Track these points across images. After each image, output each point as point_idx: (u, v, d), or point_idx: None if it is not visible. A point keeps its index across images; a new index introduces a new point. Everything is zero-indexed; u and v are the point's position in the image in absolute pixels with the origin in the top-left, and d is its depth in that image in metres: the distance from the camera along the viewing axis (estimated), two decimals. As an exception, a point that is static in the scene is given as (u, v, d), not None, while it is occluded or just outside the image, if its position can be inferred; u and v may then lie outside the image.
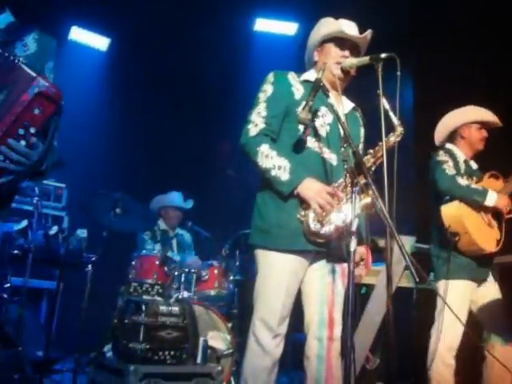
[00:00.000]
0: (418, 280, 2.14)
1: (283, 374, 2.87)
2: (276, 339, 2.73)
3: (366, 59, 2.69)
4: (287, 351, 3.00)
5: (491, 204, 3.81)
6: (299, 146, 2.79)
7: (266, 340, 2.70)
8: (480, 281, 3.90)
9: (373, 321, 4.20)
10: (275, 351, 2.73)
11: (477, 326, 3.97)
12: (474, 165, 4.11)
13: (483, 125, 4.03)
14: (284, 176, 2.69)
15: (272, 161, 2.70)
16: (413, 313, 4.69)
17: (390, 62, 2.55)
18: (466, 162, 4.04)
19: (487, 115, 4.02)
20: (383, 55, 2.57)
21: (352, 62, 2.83)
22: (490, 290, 3.93)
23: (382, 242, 4.41)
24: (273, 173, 2.69)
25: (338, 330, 2.79)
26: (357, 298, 3.67)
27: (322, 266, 2.83)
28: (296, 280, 2.78)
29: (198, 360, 4.19)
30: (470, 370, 4.05)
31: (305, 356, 2.81)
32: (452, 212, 3.86)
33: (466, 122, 4.03)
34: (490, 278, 3.94)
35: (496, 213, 3.92)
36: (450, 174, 3.84)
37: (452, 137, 4.09)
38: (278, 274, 2.74)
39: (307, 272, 2.82)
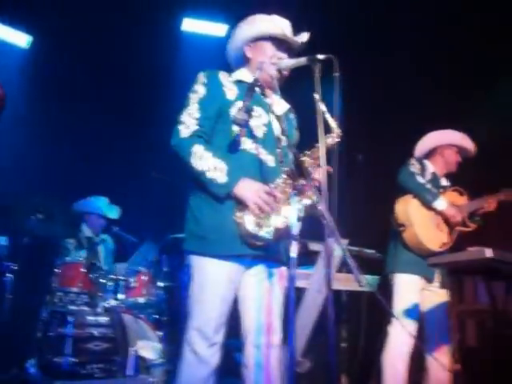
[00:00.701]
0: (361, 284, 2.10)
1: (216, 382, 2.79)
2: (212, 348, 2.64)
3: (303, 60, 2.63)
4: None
5: (439, 208, 4.02)
6: (234, 147, 2.71)
7: (202, 349, 2.61)
8: (430, 278, 4.02)
9: (305, 324, 4.18)
10: (212, 360, 2.64)
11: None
12: (444, 182, 4.31)
13: (461, 151, 4.27)
14: (221, 178, 2.60)
15: (207, 162, 2.61)
16: (343, 315, 4.73)
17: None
18: (434, 174, 4.23)
19: (469, 144, 4.27)
20: (321, 56, 2.53)
21: (289, 62, 2.77)
22: (438, 292, 4.05)
23: (313, 246, 4.43)
24: (208, 175, 2.60)
25: (276, 337, 2.73)
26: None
27: (259, 271, 2.76)
28: (232, 286, 2.70)
29: (129, 372, 4.03)
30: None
31: (243, 364, 2.73)
32: (403, 205, 4.10)
33: (450, 143, 4.26)
34: (438, 284, 4.06)
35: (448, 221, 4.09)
36: (412, 170, 4.08)
37: (430, 153, 4.32)
38: (213, 281, 2.65)
39: (243, 277, 2.74)
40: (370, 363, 4.53)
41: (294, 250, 2.27)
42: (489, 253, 3.05)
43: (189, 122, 2.67)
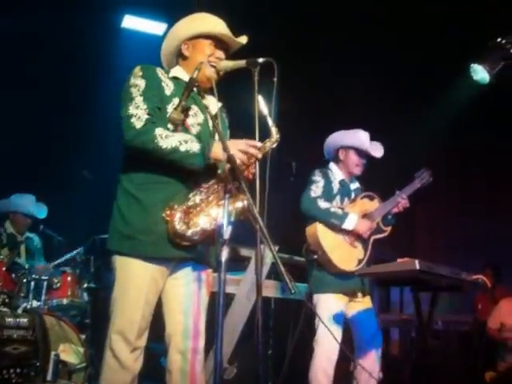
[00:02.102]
0: (292, 292, 2.08)
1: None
2: (135, 353, 2.56)
3: (242, 63, 2.61)
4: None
5: (350, 228, 3.96)
6: None
7: (124, 354, 2.53)
8: (352, 293, 4.00)
9: (232, 330, 4.15)
10: (134, 366, 2.57)
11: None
12: (354, 185, 4.23)
13: (361, 152, 4.13)
14: (195, 146, 2.53)
15: (175, 138, 2.52)
16: (270, 322, 4.73)
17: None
18: (342, 182, 4.15)
19: (367, 146, 4.11)
20: (260, 60, 2.52)
21: (228, 64, 2.73)
22: (362, 305, 4.04)
23: (243, 251, 4.40)
24: (182, 148, 2.51)
25: (202, 342, 2.68)
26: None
27: (186, 274, 2.69)
28: (156, 289, 2.63)
29: (48, 377, 3.86)
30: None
31: (166, 370, 2.66)
32: (311, 232, 4.00)
33: (343, 145, 4.15)
34: (361, 293, 4.04)
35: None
36: (313, 196, 3.96)
37: (335, 156, 4.21)
38: (137, 283, 2.57)
39: (169, 280, 2.68)
40: (296, 371, 4.54)
41: (223, 254, 2.22)
42: (416, 264, 3.09)
43: (139, 113, 2.55)
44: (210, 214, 2.56)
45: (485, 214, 7.59)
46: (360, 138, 4.13)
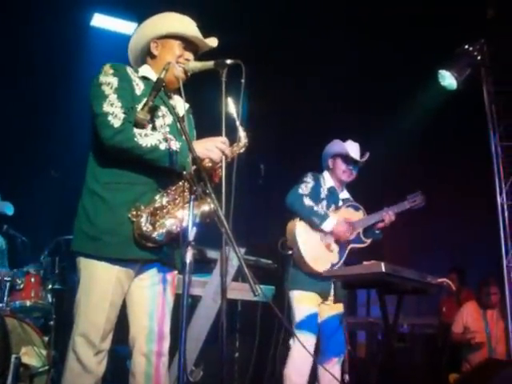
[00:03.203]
0: (256, 294, 2.08)
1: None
2: (98, 356, 2.52)
3: (210, 64, 2.61)
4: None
5: (328, 229, 4.01)
6: None
7: (88, 357, 2.49)
8: (325, 294, 4.03)
9: (198, 333, 4.11)
10: (98, 369, 2.53)
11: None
12: (344, 195, 4.30)
13: (347, 158, 4.20)
14: (176, 144, 2.53)
15: (155, 136, 2.52)
16: (237, 325, 4.71)
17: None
18: (331, 189, 4.22)
19: (350, 150, 4.19)
20: (229, 61, 2.53)
21: (196, 65, 2.72)
22: (334, 306, 4.07)
23: (210, 253, 4.38)
24: (162, 146, 2.51)
25: (166, 345, 2.66)
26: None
27: (151, 275, 2.67)
28: (121, 291, 2.60)
29: (9, 381, 3.77)
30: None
31: (130, 373, 2.63)
32: (290, 228, 4.07)
33: (331, 154, 4.27)
34: (333, 298, 4.07)
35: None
36: (300, 192, 4.04)
37: (326, 164, 4.31)
38: (102, 285, 2.54)
39: (134, 281, 2.65)
40: (262, 374, 4.54)
41: (189, 256, 2.21)
42: (382, 267, 3.11)
43: (115, 111, 2.52)
44: (177, 216, 2.54)
45: (450, 218, 7.68)
46: (344, 145, 4.24)
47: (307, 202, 4.00)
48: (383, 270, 3.11)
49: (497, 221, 5.50)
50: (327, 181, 4.24)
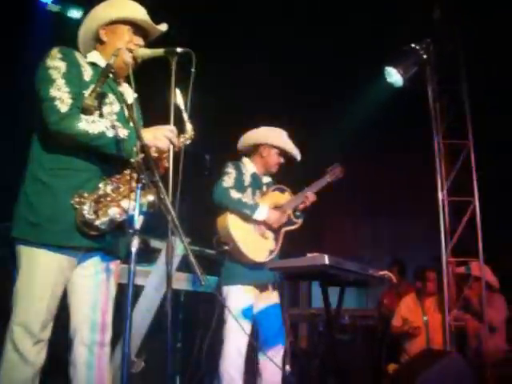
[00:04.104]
0: (203, 283, 2.06)
1: None
2: (37, 346, 2.47)
3: (160, 51, 2.59)
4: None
5: (260, 218, 4.01)
6: None
7: (27, 347, 2.43)
8: (263, 286, 4.04)
9: (141, 323, 4.07)
10: (37, 359, 2.47)
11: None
12: (266, 179, 4.29)
13: (283, 153, 4.23)
14: (123, 131, 2.49)
15: (102, 123, 2.49)
16: (180, 315, 4.68)
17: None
18: (253, 175, 4.19)
19: (290, 147, 4.23)
20: (179, 49, 2.51)
21: (146, 52, 2.69)
22: (270, 298, 4.09)
23: (154, 243, 4.33)
24: (110, 133, 2.47)
25: (109, 335, 2.62)
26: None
27: (94, 264, 2.63)
28: (63, 280, 2.55)
29: None
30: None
31: (70, 363, 2.58)
32: (222, 223, 4.02)
33: (268, 143, 4.20)
34: (271, 287, 4.10)
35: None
36: (225, 186, 3.99)
37: (254, 150, 4.25)
38: (43, 273, 2.48)
39: (76, 270, 2.60)
40: (205, 364, 4.53)
41: (134, 245, 2.18)
42: (326, 259, 3.14)
43: (62, 96, 2.47)
44: (121, 204, 2.51)
45: (392, 213, 7.84)
46: (286, 139, 4.25)
47: (234, 194, 3.96)
48: (327, 262, 3.13)
49: (437, 216, 5.65)
50: (248, 167, 4.20)
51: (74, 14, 6.27)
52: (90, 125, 2.45)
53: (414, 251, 7.24)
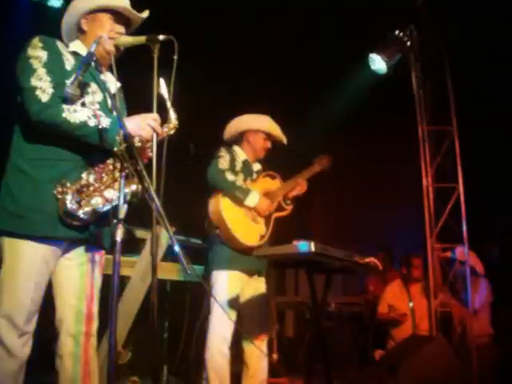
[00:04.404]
0: (189, 272, 2.06)
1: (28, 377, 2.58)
2: (23, 338, 2.45)
3: (142, 39, 2.55)
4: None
5: (251, 204, 4.00)
6: None
7: (12, 340, 2.41)
8: (251, 272, 4.02)
9: (127, 314, 4.06)
10: (22, 352, 2.45)
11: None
12: (256, 166, 4.29)
13: (269, 137, 4.23)
14: (105, 121, 2.47)
15: (84, 112, 2.46)
16: (166, 305, 4.68)
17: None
18: (245, 162, 4.19)
19: (275, 130, 4.23)
20: (161, 37, 2.49)
21: (128, 39, 2.66)
22: (257, 285, 4.07)
23: (139, 233, 4.32)
24: (91, 122, 2.45)
25: (95, 326, 2.61)
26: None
27: (78, 255, 2.61)
28: (47, 271, 2.53)
29: None
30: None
31: (57, 355, 2.56)
32: (214, 206, 3.99)
33: (253, 128, 4.21)
34: (259, 273, 4.08)
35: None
36: (220, 168, 3.98)
37: (241, 138, 4.25)
38: (27, 265, 2.45)
39: (61, 261, 2.58)
40: (191, 354, 4.53)
41: (118, 235, 2.17)
42: (312, 246, 3.13)
43: (43, 85, 2.44)
44: (104, 194, 2.49)
45: (378, 200, 7.86)
46: (271, 123, 4.25)
47: (229, 176, 3.97)
48: (313, 249, 3.13)
49: (422, 203, 5.68)
50: (239, 154, 4.20)
51: (55, 3, 6.17)
52: (71, 114, 2.43)
53: (400, 238, 7.27)
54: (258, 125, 4.22)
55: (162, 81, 2.47)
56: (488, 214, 6.33)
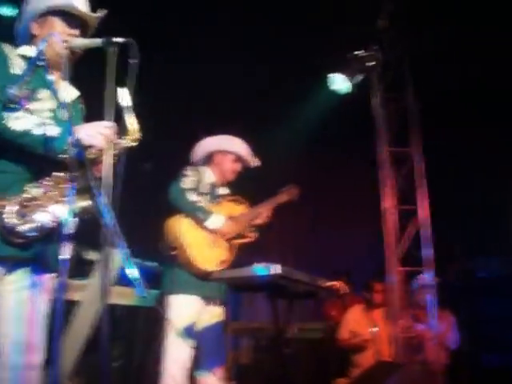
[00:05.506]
0: (145, 296, 1.86)
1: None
2: None
3: (98, 41, 2.34)
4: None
5: (212, 227, 3.83)
6: None
7: None
8: (209, 298, 3.84)
9: (75, 342, 3.81)
10: None
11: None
12: (223, 190, 4.13)
13: (239, 159, 4.10)
14: (53, 129, 2.28)
15: (29, 120, 2.28)
16: (118, 332, 4.45)
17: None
18: (212, 184, 4.04)
19: (245, 152, 4.10)
20: (119, 39, 2.27)
21: (83, 42, 2.47)
22: (214, 312, 3.90)
23: (89, 254, 4.08)
24: (37, 131, 2.26)
25: (37, 357, 2.36)
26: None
27: (22, 277, 2.37)
28: None
29: None
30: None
31: None
32: (173, 226, 3.82)
33: (222, 149, 4.07)
34: (218, 301, 3.91)
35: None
36: (183, 187, 3.82)
37: (209, 159, 4.11)
38: None
39: (3, 283, 2.33)
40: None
41: (65, 253, 1.97)
42: (278, 269, 2.97)
43: None
44: (50, 209, 2.28)
45: (336, 223, 7.79)
46: (241, 146, 4.12)
47: (191, 196, 3.81)
48: (279, 272, 2.96)
49: (381, 226, 5.61)
50: (207, 175, 4.04)
51: (6, 11, 5.96)
52: (13, 121, 2.24)
53: (359, 262, 7.19)
54: (227, 146, 4.08)
55: (121, 89, 2.27)
56: (453, 238, 6.32)
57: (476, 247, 6.75)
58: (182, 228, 3.77)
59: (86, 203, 2.24)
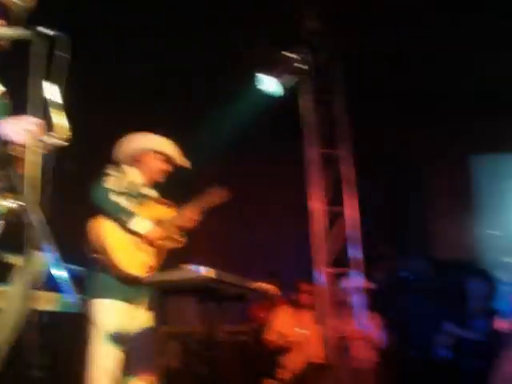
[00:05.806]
0: (70, 301, 1.78)
1: None
2: None
3: (25, 33, 2.20)
4: None
5: (136, 229, 3.68)
6: None
7: None
8: (135, 303, 3.71)
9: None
10: None
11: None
12: (149, 191, 3.96)
13: (168, 159, 3.94)
14: None
15: None
16: (41, 340, 4.28)
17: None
18: (138, 185, 3.87)
19: (172, 151, 3.94)
20: (47, 31, 2.15)
21: (6, 32, 2.31)
22: (142, 316, 3.76)
23: (11, 259, 3.91)
24: None
25: None
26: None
27: None
28: None
29: None
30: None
31: None
32: (96, 228, 3.66)
33: (149, 148, 3.90)
34: (146, 306, 3.78)
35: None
36: (105, 187, 3.65)
37: (134, 158, 3.92)
38: None
39: None
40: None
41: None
42: (208, 272, 2.92)
43: None
44: None
45: (263, 224, 7.80)
46: (170, 146, 3.97)
47: (113, 197, 3.65)
48: (211, 274, 2.92)
49: (308, 227, 5.65)
50: (130, 175, 3.88)
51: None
52: None
53: (287, 263, 7.23)
54: (156, 145, 3.93)
55: (50, 85, 2.15)
56: (380, 238, 6.43)
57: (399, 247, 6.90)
58: (105, 230, 3.63)
59: (9, 203, 2.13)
